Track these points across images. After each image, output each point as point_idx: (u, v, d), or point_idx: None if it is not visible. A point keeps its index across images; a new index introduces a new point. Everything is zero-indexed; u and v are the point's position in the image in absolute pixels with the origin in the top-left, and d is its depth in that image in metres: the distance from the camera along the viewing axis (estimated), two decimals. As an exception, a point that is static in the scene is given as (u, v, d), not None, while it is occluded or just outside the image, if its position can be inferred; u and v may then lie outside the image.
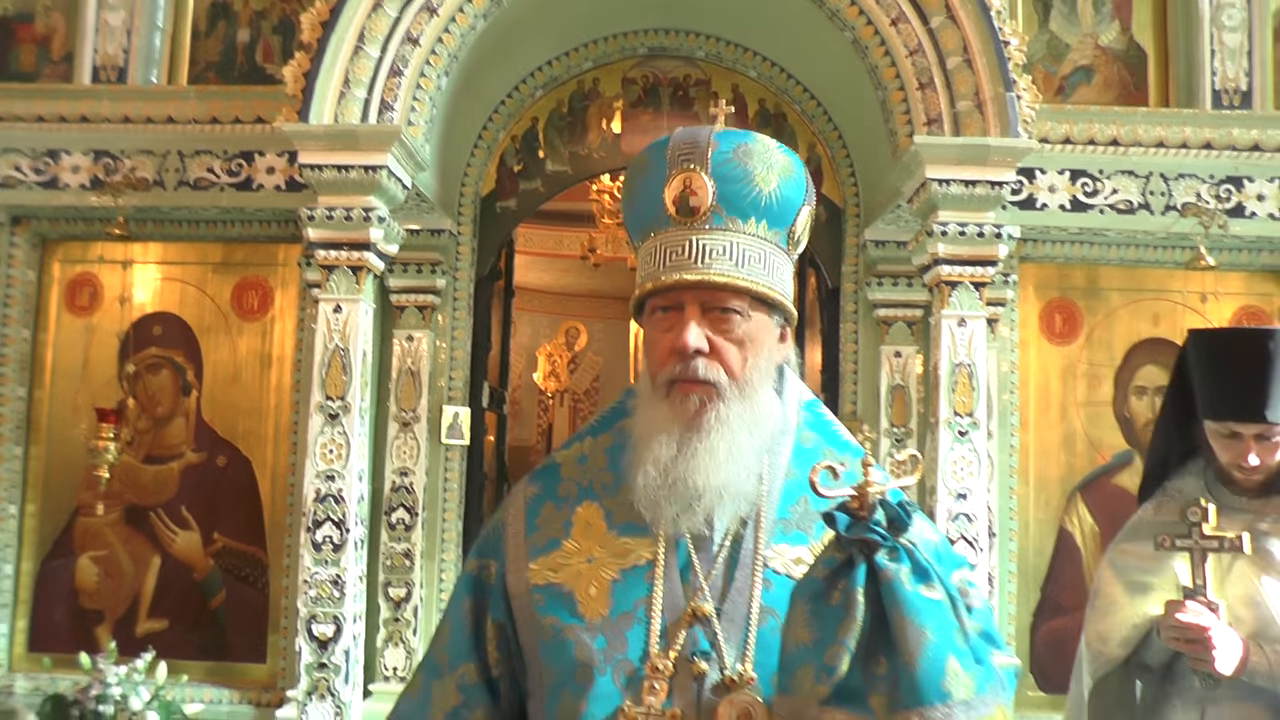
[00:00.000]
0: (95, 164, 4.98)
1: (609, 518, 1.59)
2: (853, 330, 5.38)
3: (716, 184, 1.54)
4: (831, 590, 1.35)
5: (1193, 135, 4.88)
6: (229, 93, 5.05)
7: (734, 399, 1.52)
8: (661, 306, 1.55)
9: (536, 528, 1.63)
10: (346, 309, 4.49)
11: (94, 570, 5.20)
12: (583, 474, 1.66)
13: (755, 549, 1.54)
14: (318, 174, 4.40)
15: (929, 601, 1.32)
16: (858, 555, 1.35)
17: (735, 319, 1.53)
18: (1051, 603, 5.09)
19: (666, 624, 1.50)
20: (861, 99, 4.85)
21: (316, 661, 4.38)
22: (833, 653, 1.31)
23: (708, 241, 1.53)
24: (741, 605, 1.51)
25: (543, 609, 1.55)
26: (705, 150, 1.55)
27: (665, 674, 1.46)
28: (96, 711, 4.61)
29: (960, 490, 4.37)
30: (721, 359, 1.52)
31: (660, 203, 1.55)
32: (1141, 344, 5.19)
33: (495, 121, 5.46)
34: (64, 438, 5.20)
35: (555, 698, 1.51)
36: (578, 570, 1.56)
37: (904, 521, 1.36)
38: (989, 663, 1.38)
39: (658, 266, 1.54)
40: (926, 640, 1.29)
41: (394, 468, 5.18)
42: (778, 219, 1.58)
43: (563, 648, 1.51)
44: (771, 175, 1.57)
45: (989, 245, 4.41)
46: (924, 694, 1.27)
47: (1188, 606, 2.36)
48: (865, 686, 1.31)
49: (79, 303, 5.33)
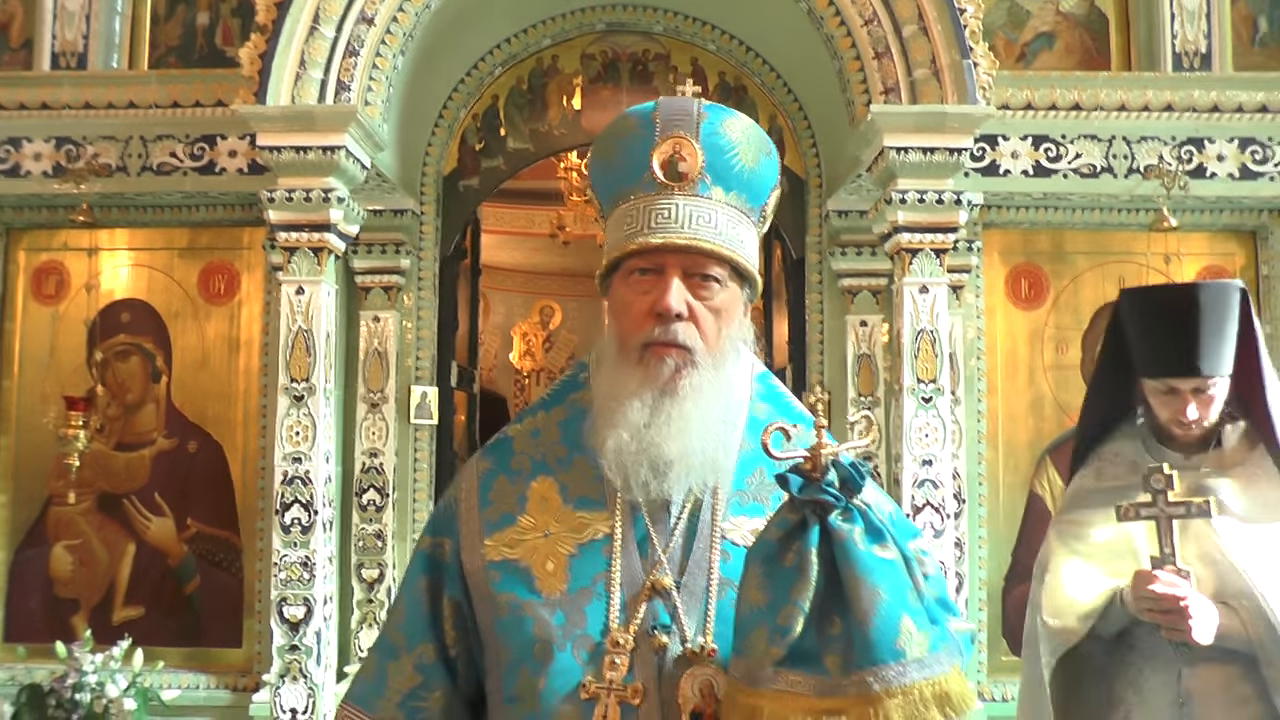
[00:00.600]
0: (57, 151, 4.96)
1: (564, 492, 1.58)
2: (818, 300, 5.38)
3: (706, 152, 1.54)
4: (785, 552, 1.36)
5: (1154, 98, 4.89)
6: (189, 76, 5.03)
7: (706, 367, 1.52)
8: (641, 268, 1.53)
9: (490, 503, 1.61)
10: (309, 290, 4.49)
11: (68, 559, 5.20)
12: (535, 448, 1.64)
13: (713, 520, 1.54)
14: (276, 156, 4.40)
15: (882, 561, 1.33)
16: (811, 516, 1.35)
17: (714, 286, 1.53)
18: (1022, 567, 5.11)
19: (626, 598, 1.49)
20: (820, 69, 4.85)
21: (288, 644, 4.40)
22: (786, 613, 1.32)
23: (694, 208, 1.52)
24: (700, 577, 1.50)
25: (499, 585, 1.54)
26: (696, 119, 1.56)
27: (626, 648, 1.45)
28: (73, 700, 4.63)
29: (925, 457, 4.38)
30: (698, 325, 1.51)
31: (645, 165, 1.54)
32: (1108, 307, 5.17)
33: (455, 100, 5.43)
34: (34, 427, 5.18)
35: (513, 674, 1.51)
36: (534, 546, 1.54)
37: (856, 483, 1.36)
38: (944, 623, 1.38)
39: (640, 228, 1.52)
40: (880, 599, 1.29)
41: (364, 449, 5.18)
42: (755, 195, 1.59)
43: (520, 624, 1.50)
44: (753, 152, 1.58)
45: (949, 212, 4.41)
46: (878, 652, 1.28)
47: (1159, 577, 2.29)
48: (819, 647, 1.32)
49: (45, 291, 5.32)
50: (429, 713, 1.60)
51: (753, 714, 1.31)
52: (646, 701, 1.43)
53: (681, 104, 1.59)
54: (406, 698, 1.60)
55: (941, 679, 1.30)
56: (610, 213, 1.61)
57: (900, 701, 1.26)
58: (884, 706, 1.26)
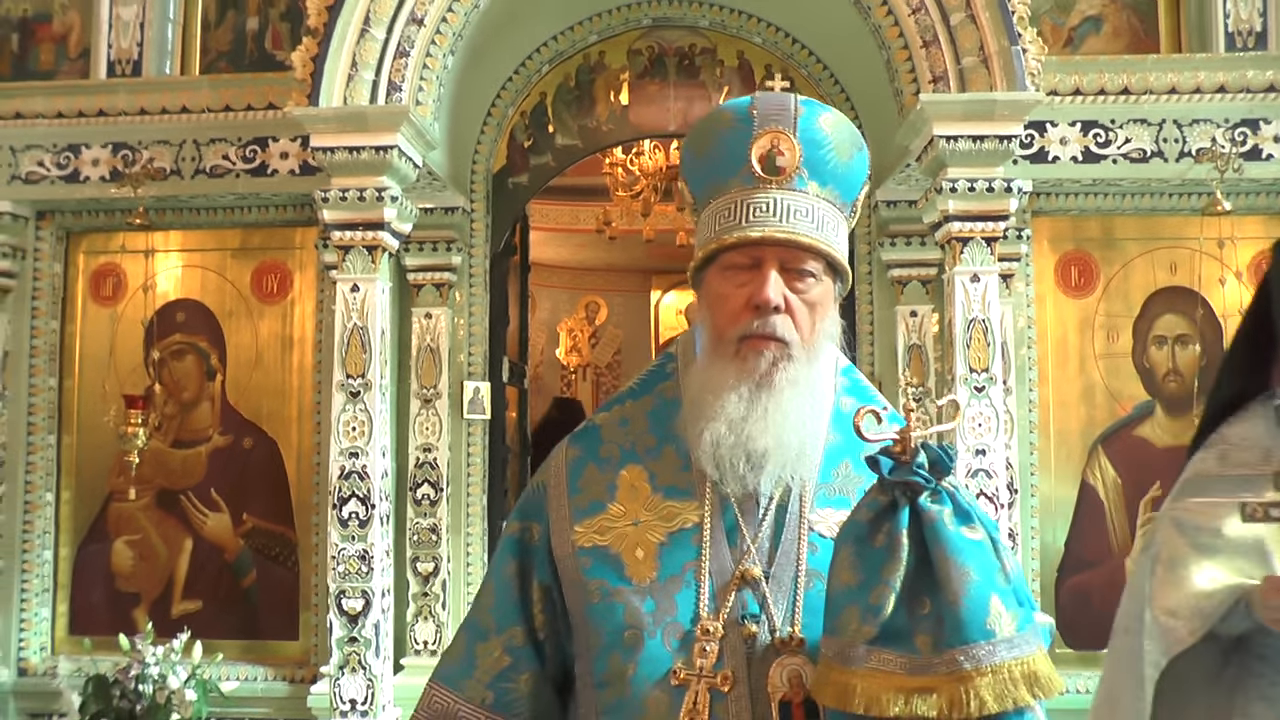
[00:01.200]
0: (114, 156, 5.05)
1: (653, 480, 1.59)
2: (868, 291, 5.37)
3: (803, 146, 1.54)
4: (875, 533, 1.37)
5: (1206, 80, 4.80)
6: (240, 80, 5.10)
7: (802, 361, 1.53)
8: (739, 263, 1.54)
9: (579, 490, 1.63)
10: (364, 288, 4.54)
11: (129, 554, 5.31)
12: (624, 437, 1.66)
13: (801, 513, 1.55)
14: (329, 156, 4.45)
15: (971, 542, 1.34)
16: (901, 498, 1.37)
17: (810, 280, 1.54)
18: (1075, 558, 5.09)
19: (715, 587, 1.50)
20: (866, 60, 4.84)
21: (347, 636, 4.45)
22: (878, 593, 1.33)
23: (792, 202, 1.53)
24: (789, 568, 1.52)
25: (590, 572, 1.56)
26: (794, 113, 1.56)
27: (716, 636, 1.47)
28: (137, 691, 4.72)
29: (979, 446, 4.36)
30: (794, 318, 1.52)
31: (744, 159, 1.54)
32: (1159, 293, 5.16)
33: (503, 98, 5.48)
34: (94, 426, 5.29)
35: (604, 659, 1.52)
36: (623, 533, 1.56)
37: (946, 464, 1.38)
38: (1030, 603, 1.39)
39: (738, 221, 1.53)
40: (970, 579, 1.30)
41: (417, 444, 5.24)
42: (848, 189, 1.60)
43: (611, 610, 1.52)
44: (846, 147, 1.59)
45: (999, 200, 4.39)
46: (968, 631, 1.29)
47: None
48: (910, 626, 1.33)
49: (104, 293, 5.43)
50: (518, 693, 1.62)
51: (845, 692, 1.32)
52: (736, 689, 1.45)
53: (779, 99, 1.60)
54: (496, 679, 1.62)
55: (1030, 659, 1.30)
56: (704, 206, 1.61)
57: (990, 680, 1.27)
58: (975, 684, 1.27)
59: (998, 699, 1.27)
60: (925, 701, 1.28)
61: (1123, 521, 5.08)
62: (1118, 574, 5.05)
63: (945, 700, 1.28)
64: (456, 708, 1.64)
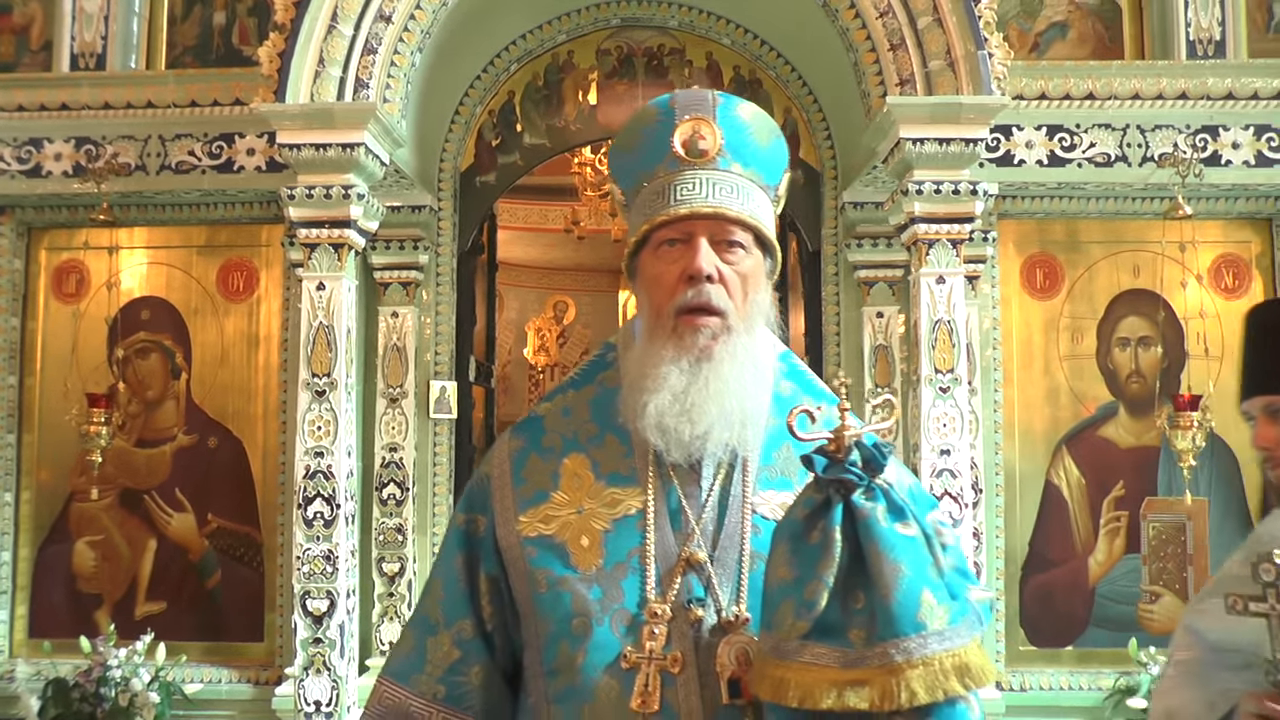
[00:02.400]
0: (77, 151, 5.01)
1: (596, 468, 1.61)
2: (834, 292, 5.40)
3: (723, 130, 1.61)
4: (810, 529, 1.39)
5: (1168, 86, 4.89)
6: (207, 76, 5.07)
7: (740, 332, 1.57)
8: (669, 239, 1.58)
9: (523, 480, 1.64)
10: (329, 286, 4.52)
11: (91, 555, 5.25)
12: (566, 426, 1.67)
13: (744, 495, 1.57)
14: (296, 153, 4.42)
15: (904, 538, 1.36)
16: (835, 495, 1.39)
17: (740, 252, 1.58)
18: (1039, 557, 5.14)
19: (661, 571, 1.52)
20: (835, 62, 4.87)
21: (312, 637, 4.43)
22: (812, 589, 1.35)
23: (717, 180, 1.58)
24: (733, 551, 1.54)
25: (535, 561, 1.57)
26: (712, 103, 1.63)
27: (663, 619, 1.49)
28: (98, 694, 4.68)
29: (944, 446, 4.40)
30: (728, 289, 1.56)
31: (668, 146, 1.60)
32: (1123, 295, 5.23)
33: (471, 96, 5.47)
34: (56, 424, 5.23)
35: (553, 648, 1.54)
36: (568, 522, 1.58)
37: (879, 462, 1.40)
38: (964, 598, 1.41)
39: (666, 201, 1.58)
40: (902, 574, 1.33)
41: (383, 444, 5.22)
42: (769, 172, 1.66)
43: (558, 599, 1.54)
44: (768, 136, 1.66)
45: (965, 202, 4.43)
46: (900, 625, 1.30)
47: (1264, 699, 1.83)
48: (844, 621, 1.35)
49: (66, 290, 5.37)
50: (469, 686, 1.63)
51: (781, 685, 1.34)
52: (685, 670, 1.47)
53: (698, 92, 1.66)
54: (447, 672, 1.63)
55: (961, 650, 1.32)
56: (634, 197, 1.66)
57: (921, 672, 1.29)
58: (906, 676, 1.29)
59: (929, 690, 1.29)
60: (857, 694, 1.30)
61: (1086, 521, 5.14)
62: (1081, 573, 5.12)
63: (877, 692, 1.30)
64: (408, 703, 1.64)
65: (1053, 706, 4.95)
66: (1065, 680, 5.00)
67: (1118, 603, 5.08)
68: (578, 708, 1.50)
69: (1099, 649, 5.04)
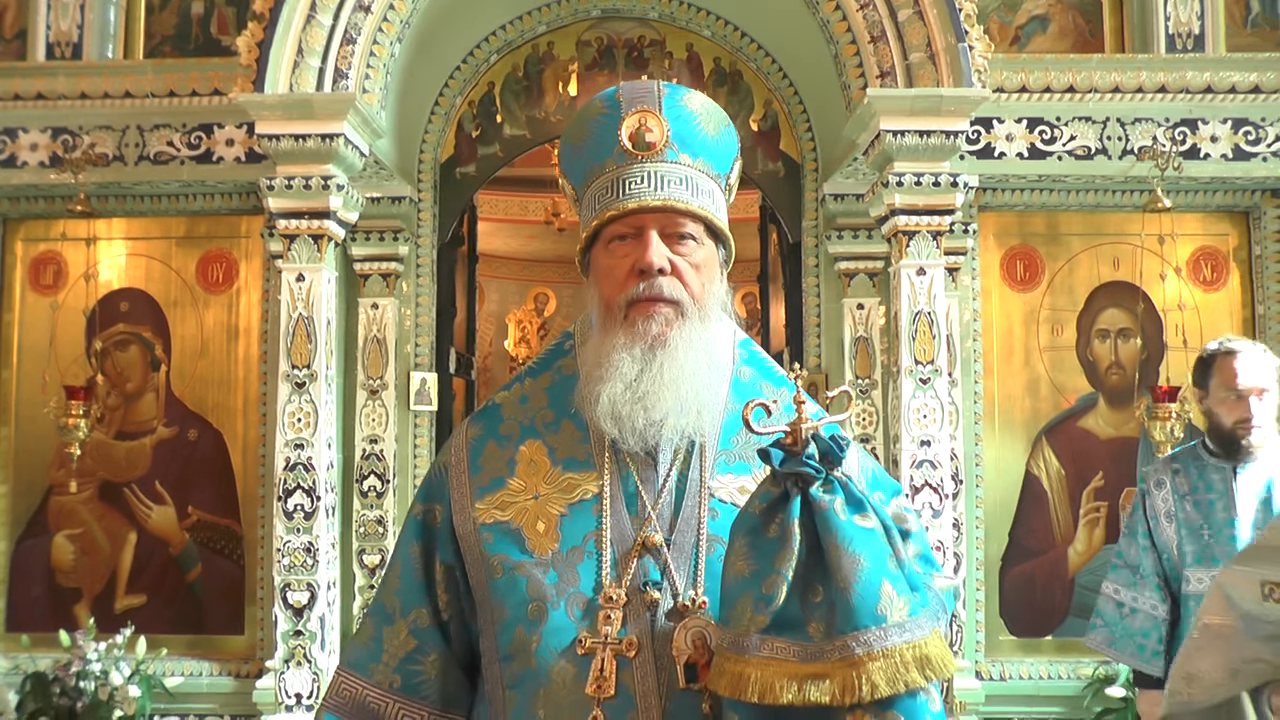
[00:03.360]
0: (54, 141, 4.97)
1: (552, 454, 1.61)
2: (815, 284, 5.41)
3: (670, 121, 1.60)
4: (768, 523, 1.39)
5: (1147, 80, 4.92)
6: (185, 65, 5.04)
7: (694, 319, 1.57)
8: (620, 234, 1.58)
9: (480, 467, 1.64)
10: (309, 277, 4.50)
11: (70, 548, 5.22)
12: (524, 413, 1.68)
13: (701, 479, 1.57)
14: (275, 144, 4.40)
15: (862, 530, 1.36)
16: (792, 488, 1.38)
17: (691, 244, 1.58)
18: (1019, 547, 5.17)
19: (617, 555, 1.52)
20: (815, 54, 4.87)
21: (292, 629, 4.42)
22: (770, 582, 1.34)
23: (665, 172, 1.58)
24: (690, 534, 1.53)
25: (491, 547, 1.57)
26: (657, 94, 1.63)
27: (619, 603, 1.49)
28: (78, 688, 4.66)
29: (924, 437, 4.42)
30: (682, 279, 1.56)
31: (615, 140, 1.60)
32: (1102, 287, 5.25)
33: (451, 87, 5.44)
34: (33, 417, 5.19)
35: (508, 634, 1.53)
36: (524, 507, 1.58)
37: (836, 455, 1.40)
38: (924, 589, 1.41)
39: (616, 195, 1.58)
40: (860, 567, 1.32)
41: (364, 435, 5.20)
42: (719, 162, 1.65)
43: (514, 584, 1.53)
44: (714, 124, 1.65)
45: (945, 194, 4.44)
46: (859, 618, 1.30)
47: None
48: (804, 614, 1.34)
49: (43, 281, 5.32)
50: (424, 676, 1.64)
51: (740, 681, 1.33)
52: (641, 654, 1.47)
53: (643, 84, 1.66)
54: (403, 662, 1.64)
55: (921, 642, 1.32)
56: (584, 192, 1.66)
57: (882, 664, 1.29)
58: (866, 669, 1.29)
59: (889, 682, 1.29)
60: (818, 687, 1.30)
61: (1066, 511, 5.17)
62: (1060, 563, 5.15)
63: (838, 685, 1.29)
64: (365, 693, 1.65)
65: (1032, 696, 4.98)
66: (1045, 670, 5.02)
67: (1097, 593, 5.08)
68: (533, 692, 1.50)
69: (1079, 638, 5.05)
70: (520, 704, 1.51)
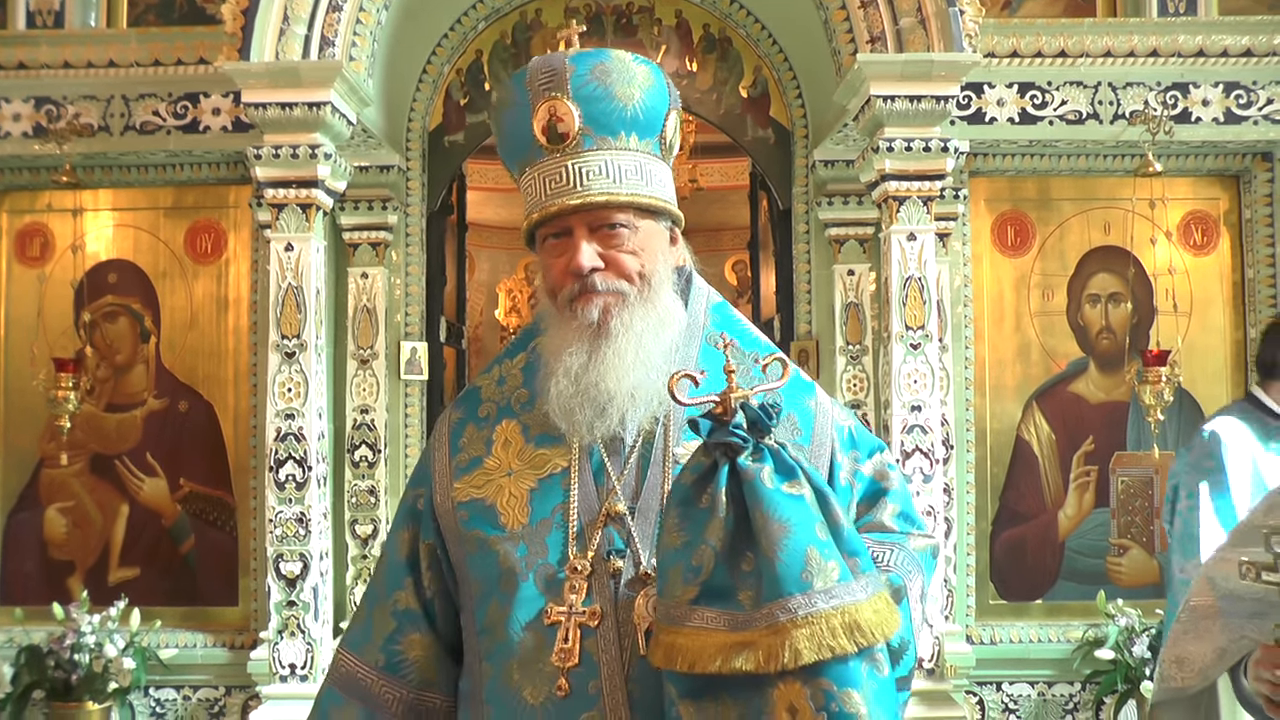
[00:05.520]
0: (37, 111, 4.92)
1: (526, 432, 1.64)
2: (805, 251, 5.40)
3: (580, 106, 1.56)
4: (699, 494, 1.40)
5: (1139, 44, 4.89)
6: (170, 34, 4.98)
7: (637, 304, 1.57)
8: (551, 234, 1.59)
9: (460, 449, 1.68)
10: (298, 247, 4.47)
11: (62, 521, 5.22)
12: (501, 394, 1.71)
13: (666, 447, 1.59)
14: (262, 112, 4.36)
15: (790, 497, 1.37)
16: (721, 458, 1.39)
17: (623, 233, 1.58)
18: (1010, 511, 5.19)
19: (583, 525, 1.55)
20: (805, 20, 4.84)
21: (285, 600, 4.42)
22: (699, 553, 1.36)
23: (582, 164, 1.56)
24: (654, 502, 1.56)
25: (467, 524, 1.61)
26: (563, 76, 1.57)
27: (584, 573, 1.51)
28: (72, 660, 4.67)
29: (914, 403, 4.42)
30: (618, 270, 1.57)
31: (530, 135, 1.58)
32: (1093, 252, 5.25)
33: (439, 55, 5.40)
34: (22, 390, 5.17)
35: (483, 608, 1.58)
36: (499, 484, 1.61)
37: (765, 424, 1.40)
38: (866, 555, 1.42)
39: (540, 196, 1.58)
40: (786, 533, 1.33)
41: (355, 405, 5.19)
42: (646, 129, 1.61)
43: (487, 558, 1.57)
44: (633, 89, 1.59)
45: (936, 159, 4.42)
46: (784, 585, 1.31)
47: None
48: (734, 584, 1.35)
49: (30, 253, 5.29)
50: (405, 655, 1.68)
51: (671, 651, 1.35)
52: (604, 623, 1.49)
53: (548, 63, 1.60)
54: (386, 641, 1.69)
55: (852, 608, 1.31)
56: (519, 180, 1.66)
57: (807, 631, 1.29)
58: (791, 636, 1.28)
59: (815, 649, 1.28)
60: (743, 657, 1.30)
61: (1056, 476, 5.19)
62: (1051, 528, 5.18)
63: (762, 654, 1.29)
64: (356, 671, 1.70)
65: (1022, 659, 5.02)
66: (1035, 633, 5.06)
67: (1087, 556, 5.15)
68: (505, 663, 1.52)
69: (1068, 602, 5.11)
70: (494, 676, 1.54)
